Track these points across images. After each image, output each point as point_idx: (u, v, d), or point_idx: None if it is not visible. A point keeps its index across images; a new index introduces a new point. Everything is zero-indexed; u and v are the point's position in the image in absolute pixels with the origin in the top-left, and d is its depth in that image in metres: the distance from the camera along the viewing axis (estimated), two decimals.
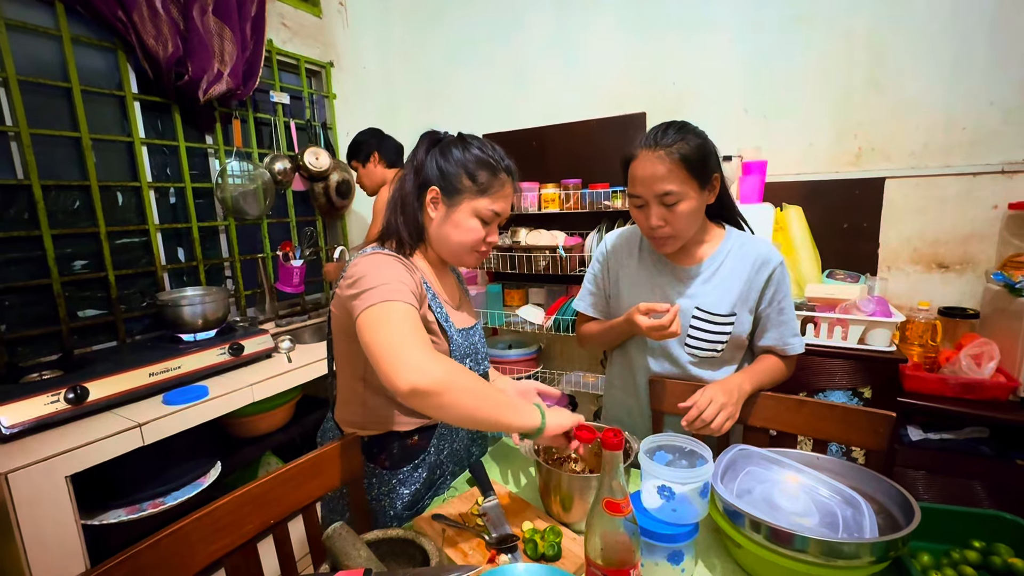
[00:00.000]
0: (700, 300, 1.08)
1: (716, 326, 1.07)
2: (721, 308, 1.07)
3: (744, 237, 1.11)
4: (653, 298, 1.11)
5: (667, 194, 0.97)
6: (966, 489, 1.50)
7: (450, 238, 0.94)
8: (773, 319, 1.09)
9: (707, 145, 1.01)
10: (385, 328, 0.76)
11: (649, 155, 0.98)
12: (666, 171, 0.96)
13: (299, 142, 2.42)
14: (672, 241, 1.04)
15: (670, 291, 1.11)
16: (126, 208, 1.88)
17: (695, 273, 1.10)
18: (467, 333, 1.01)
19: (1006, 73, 1.68)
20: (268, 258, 2.33)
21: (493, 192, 0.93)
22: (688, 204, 0.98)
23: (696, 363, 1.11)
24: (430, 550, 0.71)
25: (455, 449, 1.05)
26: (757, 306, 1.08)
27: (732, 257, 1.09)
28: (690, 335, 1.09)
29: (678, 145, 0.96)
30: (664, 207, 0.99)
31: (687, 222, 1.00)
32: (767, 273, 1.06)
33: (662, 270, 1.13)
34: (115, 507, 1.38)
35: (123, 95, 1.81)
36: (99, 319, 1.78)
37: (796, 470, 0.83)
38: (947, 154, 1.78)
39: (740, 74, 2.06)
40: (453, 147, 0.93)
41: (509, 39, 2.53)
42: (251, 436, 1.81)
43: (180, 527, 0.66)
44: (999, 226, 1.73)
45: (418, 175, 0.94)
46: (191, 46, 1.82)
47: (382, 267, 0.84)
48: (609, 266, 1.21)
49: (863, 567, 0.66)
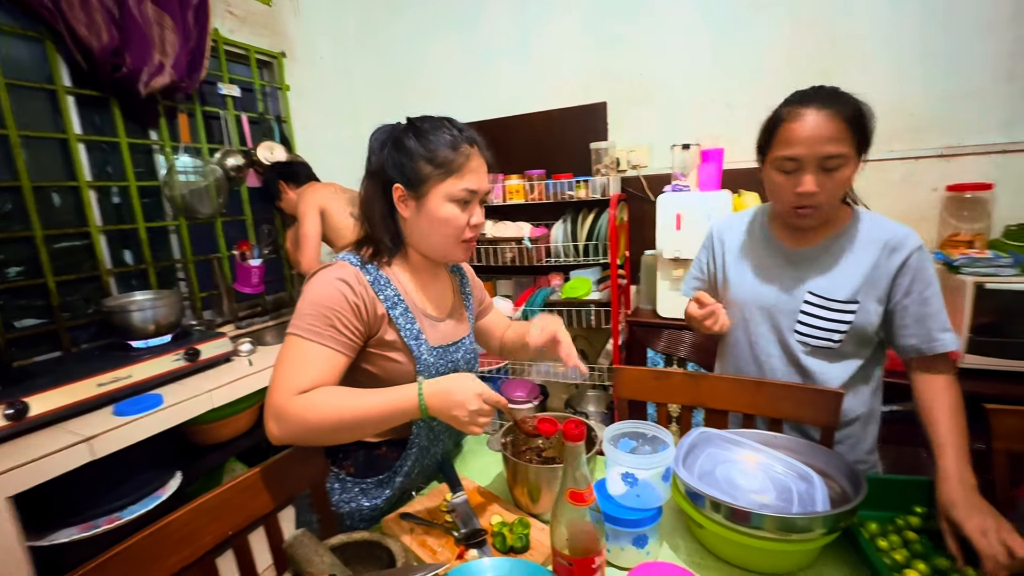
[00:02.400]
0: (813, 284, 0.99)
1: (833, 313, 0.96)
2: (839, 293, 0.96)
3: (875, 218, 1.00)
4: (762, 282, 1.05)
5: (832, 157, 0.87)
6: (913, 457, 1.59)
7: (429, 233, 0.88)
8: (914, 312, 0.94)
9: (870, 110, 0.91)
10: (277, 368, 0.78)
11: (815, 114, 0.88)
12: (836, 131, 0.87)
13: (253, 136, 2.32)
14: (817, 213, 0.94)
15: (779, 274, 1.03)
16: (64, 210, 1.76)
17: (810, 255, 1.00)
18: (445, 351, 0.93)
19: (944, 61, 1.76)
20: (224, 258, 2.24)
21: (460, 169, 0.85)
22: (848, 171, 0.89)
23: (810, 352, 1.01)
24: (396, 551, 0.71)
25: (426, 466, 1.00)
26: (889, 296, 0.95)
27: (858, 239, 0.98)
28: (801, 321, 1.00)
29: (845, 105, 0.88)
30: (823, 172, 0.89)
31: (838, 192, 0.91)
32: (901, 258, 0.93)
33: (772, 252, 1.05)
34: (66, 525, 1.31)
35: (54, 89, 1.69)
36: (39, 328, 1.67)
37: (753, 449, 0.86)
38: (892, 139, 1.86)
39: (699, 63, 2.09)
40: (404, 137, 0.86)
41: (470, 28, 2.49)
42: (214, 443, 1.75)
43: (129, 545, 0.63)
44: (939, 207, 1.83)
45: (377, 177, 0.88)
46: (128, 36, 1.71)
47: (319, 292, 0.80)
48: (715, 251, 1.16)
49: (816, 539, 0.69)
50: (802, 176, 0.90)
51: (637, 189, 2.24)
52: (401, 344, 0.87)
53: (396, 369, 0.88)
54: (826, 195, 0.91)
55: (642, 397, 1.19)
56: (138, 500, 1.43)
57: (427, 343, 0.90)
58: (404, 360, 0.88)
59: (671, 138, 2.04)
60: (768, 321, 1.05)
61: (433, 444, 0.98)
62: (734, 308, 1.10)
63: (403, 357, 0.88)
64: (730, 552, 0.76)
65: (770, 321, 1.05)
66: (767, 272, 1.05)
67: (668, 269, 1.87)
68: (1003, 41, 1.68)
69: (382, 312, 0.85)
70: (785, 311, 1.02)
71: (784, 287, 1.02)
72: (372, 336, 0.85)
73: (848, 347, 0.99)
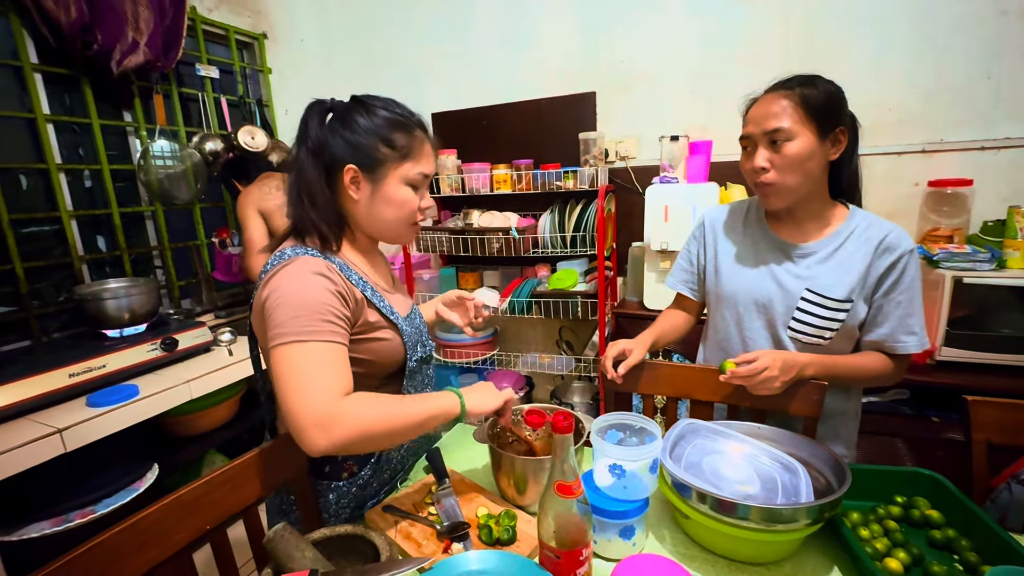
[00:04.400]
0: (813, 282, 0.97)
1: (828, 311, 0.96)
2: (836, 292, 0.96)
3: (872, 218, 0.99)
4: (759, 277, 1.03)
5: (776, 131, 0.89)
6: (890, 447, 1.63)
7: (384, 216, 0.86)
8: (888, 311, 0.95)
9: (839, 95, 0.92)
10: (290, 379, 0.70)
11: (768, 96, 0.93)
12: (780, 108, 0.90)
13: (232, 120, 2.25)
14: (777, 192, 0.94)
15: (778, 270, 1.01)
16: (32, 193, 1.69)
17: (809, 251, 0.99)
18: (410, 319, 0.95)
19: (928, 58, 1.77)
20: (203, 245, 2.18)
21: (415, 153, 0.84)
22: (799, 146, 0.89)
23: (799, 348, 1.01)
24: (380, 544, 0.69)
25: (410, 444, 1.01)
26: (873, 294, 0.96)
27: (855, 238, 0.97)
28: (796, 319, 0.99)
29: (802, 87, 0.90)
30: (770, 147, 0.91)
31: (794, 167, 0.91)
32: (891, 260, 0.94)
33: (771, 247, 1.04)
34: (36, 520, 1.27)
35: (20, 65, 1.61)
36: (7, 316, 1.61)
37: (739, 440, 0.87)
38: (874, 134, 1.88)
39: (687, 54, 2.08)
40: (355, 114, 0.81)
41: (457, 13, 2.44)
42: (192, 435, 1.71)
43: (98, 542, 0.60)
44: (920, 202, 1.86)
45: (319, 155, 0.82)
46: (99, 11, 1.64)
47: (300, 293, 0.74)
48: (707, 242, 1.13)
49: (800, 529, 0.70)
50: (755, 154, 0.94)
51: (625, 180, 2.24)
52: (385, 321, 0.87)
53: (385, 348, 0.87)
54: (778, 171, 0.92)
55: (629, 389, 1.19)
56: (113, 493, 1.39)
57: (399, 315, 0.91)
58: (391, 336, 0.88)
59: (660, 129, 2.03)
60: (763, 316, 1.04)
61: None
62: (727, 301, 1.09)
63: (390, 333, 0.87)
64: (716, 542, 0.77)
65: (765, 316, 1.03)
66: (765, 267, 1.03)
67: (655, 261, 1.87)
68: (983, 39, 1.70)
69: (360, 296, 0.83)
70: (781, 307, 1.01)
71: (782, 283, 1.01)
72: (355, 323, 0.83)
73: (835, 344, 1.00)
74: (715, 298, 1.11)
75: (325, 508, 0.90)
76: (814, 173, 0.93)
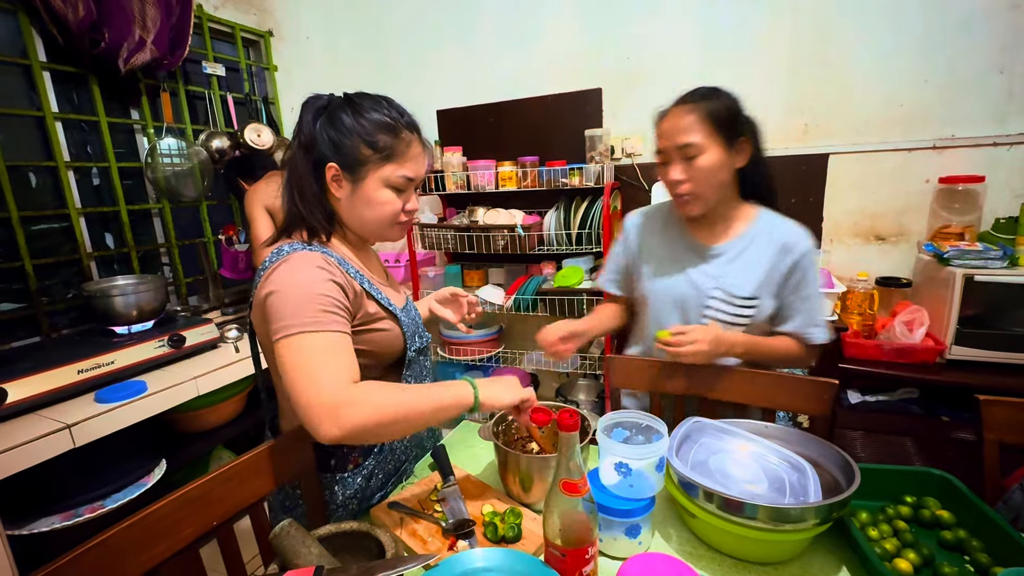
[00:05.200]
0: (722, 280, 1.05)
1: (735, 307, 1.04)
2: (743, 290, 1.03)
3: (776, 220, 1.07)
4: (674, 276, 1.09)
5: (687, 145, 0.96)
6: (899, 446, 1.61)
7: (364, 216, 0.86)
8: (797, 307, 1.04)
9: (737, 106, 0.99)
10: (299, 369, 0.70)
11: (675, 110, 0.98)
12: (688, 123, 0.96)
13: (239, 118, 2.26)
14: (694, 201, 1.00)
15: (695, 270, 1.08)
16: (41, 191, 1.71)
17: (719, 252, 1.06)
18: (407, 310, 0.96)
19: (938, 52, 1.75)
20: (210, 242, 2.19)
21: (399, 156, 0.83)
22: (709, 159, 0.96)
23: None
24: (385, 541, 0.69)
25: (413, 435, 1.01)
26: (780, 292, 1.04)
27: (760, 239, 1.05)
28: (706, 315, 1.06)
29: (706, 101, 0.96)
30: (685, 160, 0.97)
31: (707, 179, 0.98)
32: (793, 259, 1.02)
33: (687, 247, 1.10)
34: (47, 514, 1.28)
35: (29, 64, 1.63)
36: (17, 313, 1.62)
37: (747, 439, 0.86)
38: (885, 130, 1.86)
39: (693, 50, 2.07)
40: (341, 113, 0.81)
41: (463, 10, 2.43)
42: (200, 431, 1.73)
43: (107, 537, 0.61)
44: (930, 199, 1.83)
45: (309, 151, 0.83)
46: (106, 9, 1.65)
47: (302, 285, 0.74)
48: (631, 243, 1.19)
49: (808, 529, 0.69)
50: (671, 167, 1.00)
51: (631, 177, 2.22)
52: (384, 312, 0.88)
53: (386, 338, 0.88)
54: (694, 183, 0.98)
55: (635, 387, 1.19)
56: (121, 488, 1.40)
57: (396, 306, 0.92)
58: (391, 326, 0.89)
59: None
60: (679, 313, 1.10)
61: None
62: (648, 299, 1.15)
63: (389, 324, 0.89)
64: (722, 541, 0.76)
65: (681, 313, 1.10)
66: (680, 267, 1.10)
67: None
68: (995, 33, 1.67)
69: (360, 288, 0.84)
70: (694, 305, 1.08)
71: (694, 282, 1.07)
72: (355, 315, 0.83)
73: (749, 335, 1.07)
74: (640, 296, 1.18)
75: (332, 501, 0.91)
76: (725, 181, 1.01)
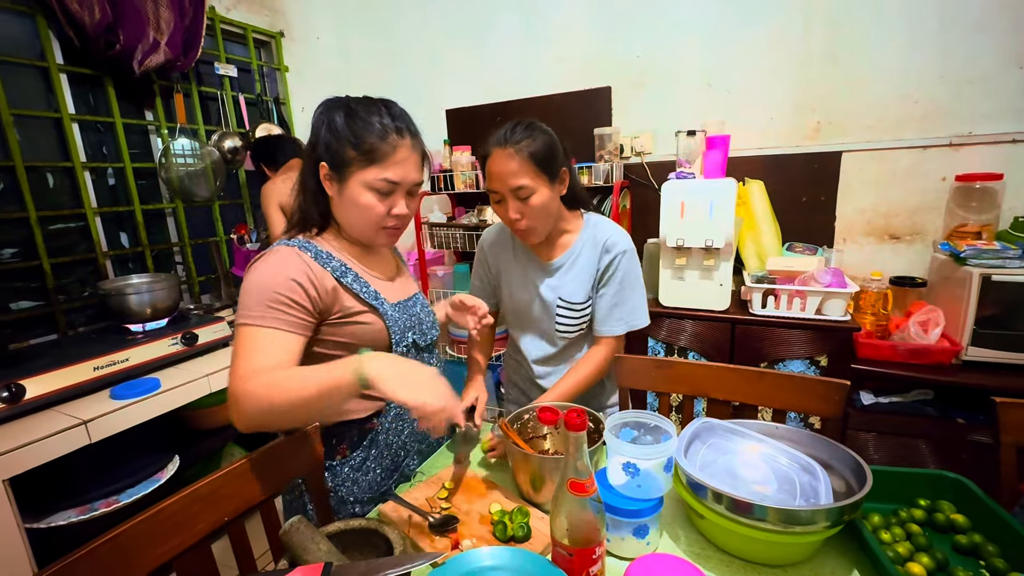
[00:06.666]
0: (562, 291, 1.15)
1: (577, 313, 1.15)
2: (578, 297, 1.14)
3: (597, 225, 1.16)
4: (526, 292, 1.20)
5: (520, 188, 1.02)
6: (913, 448, 1.59)
7: (350, 217, 0.87)
8: (604, 304, 1.14)
9: (554, 142, 1.05)
10: (232, 357, 0.76)
11: (501, 153, 1.02)
12: (516, 167, 1.01)
13: (250, 118, 2.28)
14: (532, 232, 1.08)
15: (539, 283, 1.18)
16: (58, 191, 1.74)
17: (557, 265, 1.16)
18: (405, 305, 0.97)
19: (955, 47, 1.72)
20: (222, 242, 2.22)
21: (383, 159, 0.83)
22: (540, 197, 1.03)
23: (568, 344, 1.21)
24: (394, 539, 0.70)
25: (415, 429, 1.01)
26: (596, 286, 1.15)
27: (587, 247, 1.15)
28: (558, 322, 1.17)
29: (526, 142, 1.01)
30: (519, 200, 1.04)
31: (541, 214, 1.06)
32: (609, 259, 1.12)
33: (532, 264, 1.19)
34: (63, 508, 1.31)
35: (47, 66, 1.66)
36: (35, 311, 1.66)
37: (756, 440, 0.85)
38: (899, 128, 1.83)
39: (703, 47, 2.05)
40: (335, 114, 0.83)
41: (472, 9, 2.44)
42: (212, 427, 1.75)
43: (122, 531, 0.62)
44: (946, 197, 1.80)
45: (314, 150, 0.86)
46: (121, 12, 1.67)
47: (259, 279, 0.79)
48: (489, 261, 1.27)
49: (819, 531, 0.68)
50: (506, 205, 1.05)
51: (640, 176, 2.21)
52: (365, 305, 0.88)
53: (367, 331, 0.89)
54: (529, 219, 1.05)
55: (644, 386, 1.18)
56: (136, 484, 1.43)
57: (387, 300, 0.92)
58: (373, 319, 0.89)
59: (676, 124, 2.00)
60: (536, 325, 1.21)
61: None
62: (511, 314, 1.25)
63: (371, 317, 0.89)
64: (731, 543, 0.75)
65: (537, 325, 1.21)
66: (531, 284, 1.19)
67: (671, 257, 1.84)
68: (1013, 27, 1.64)
69: (332, 284, 0.84)
70: (546, 316, 1.18)
71: (542, 296, 1.17)
72: (329, 309, 0.84)
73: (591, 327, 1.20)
74: (504, 310, 1.28)
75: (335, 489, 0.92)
76: (555, 210, 1.10)
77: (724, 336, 1.79)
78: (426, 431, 0.79)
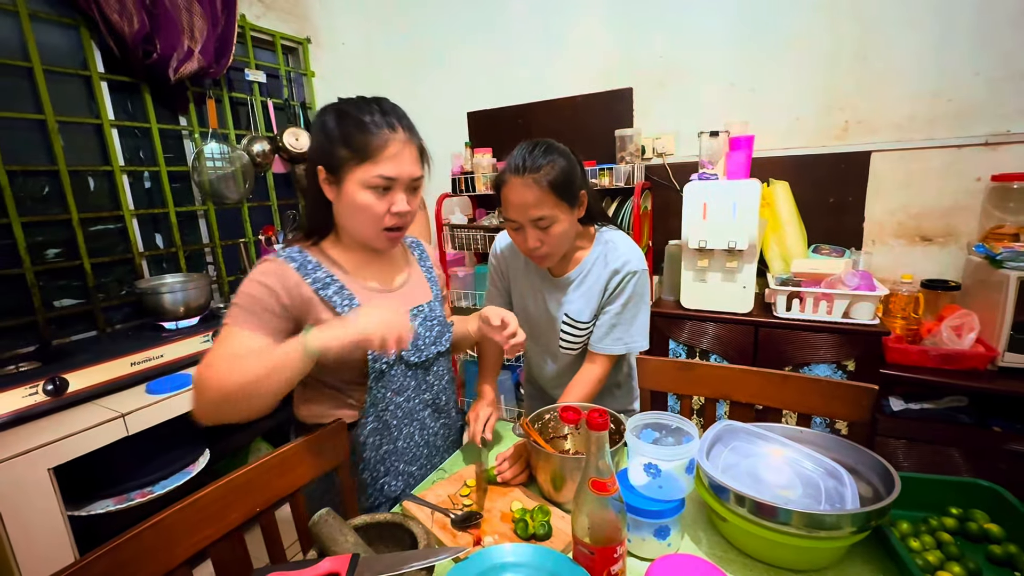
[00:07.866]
0: (568, 307, 1.14)
1: (579, 331, 1.14)
2: (584, 316, 1.13)
3: (609, 245, 1.13)
4: (534, 304, 1.20)
5: (540, 219, 0.99)
6: (945, 456, 1.54)
7: (349, 219, 0.87)
8: (606, 321, 1.12)
9: (572, 165, 1.01)
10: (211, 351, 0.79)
11: (518, 182, 0.98)
12: (535, 198, 0.97)
13: (278, 122, 2.35)
14: (550, 258, 1.07)
15: (548, 297, 1.17)
16: (99, 193, 1.81)
17: (566, 282, 1.15)
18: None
19: (991, 42, 1.66)
20: (250, 243, 2.28)
21: (376, 154, 0.81)
22: (561, 225, 1.01)
23: (571, 360, 1.20)
24: (418, 533, 0.71)
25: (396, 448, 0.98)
26: (602, 305, 1.13)
27: (597, 265, 1.12)
28: (561, 339, 1.16)
29: (544, 170, 0.97)
30: (539, 230, 1.01)
31: (561, 241, 1.04)
32: (618, 280, 1.10)
33: (543, 277, 1.18)
34: (102, 497, 1.37)
35: (89, 75, 1.73)
36: (76, 308, 1.73)
37: (780, 444, 0.84)
38: (932, 126, 1.78)
39: (726, 47, 2.03)
40: (327, 116, 0.84)
41: (494, 13, 2.46)
42: (240, 423, 1.80)
43: (162, 518, 0.65)
44: (982, 198, 1.74)
45: (312, 157, 0.87)
46: (158, 22, 1.74)
47: (244, 285, 0.82)
48: (501, 268, 1.26)
49: (845, 537, 0.67)
50: (525, 233, 1.02)
51: (662, 177, 2.20)
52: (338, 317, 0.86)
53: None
54: (548, 246, 1.03)
55: (665, 388, 1.18)
56: (169, 475, 1.48)
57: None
58: None
59: (698, 125, 1.98)
60: (542, 338, 1.21)
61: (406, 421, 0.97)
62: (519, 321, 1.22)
63: None
64: (754, 547, 0.75)
65: (543, 338, 1.21)
66: (539, 296, 1.18)
67: (693, 259, 1.83)
68: None
69: (308, 295, 0.84)
70: (551, 330, 1.18)
71: (548, 310, 1.17)
72: (303, 317, 0.85)
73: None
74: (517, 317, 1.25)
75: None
76: (573, 234, 1.08)
77: (747, 339, 1.76)
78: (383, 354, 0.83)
